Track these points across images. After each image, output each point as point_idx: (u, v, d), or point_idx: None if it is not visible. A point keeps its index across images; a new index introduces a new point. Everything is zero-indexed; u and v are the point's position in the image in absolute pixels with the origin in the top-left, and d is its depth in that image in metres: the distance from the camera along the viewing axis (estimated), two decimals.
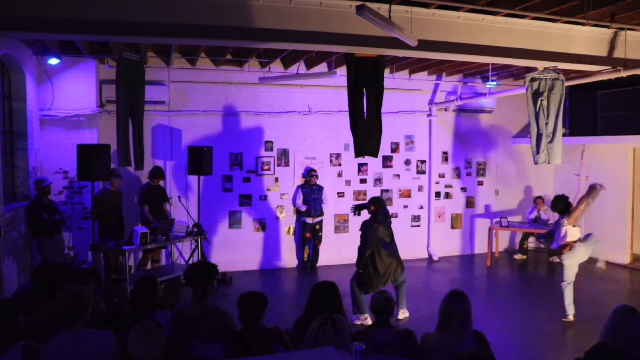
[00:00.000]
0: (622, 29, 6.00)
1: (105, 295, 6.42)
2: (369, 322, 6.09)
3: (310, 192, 9.06)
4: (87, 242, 7.40)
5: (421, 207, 10.34)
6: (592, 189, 6.60)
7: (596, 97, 10.44)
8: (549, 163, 6.58)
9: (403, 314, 6.64)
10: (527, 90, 6.59)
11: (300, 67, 8.54)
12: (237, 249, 9.19)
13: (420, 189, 10.30)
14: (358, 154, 6.31)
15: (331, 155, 9.71)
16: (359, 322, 6.14)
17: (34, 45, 7.18)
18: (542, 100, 6.49)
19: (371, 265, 6.20)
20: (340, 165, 9.76)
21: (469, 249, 10.74)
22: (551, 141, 6.52)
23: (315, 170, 9.21)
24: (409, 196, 10.18)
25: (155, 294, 3.67)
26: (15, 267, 6.48)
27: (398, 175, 10.14)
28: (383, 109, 6.37)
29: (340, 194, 9.80)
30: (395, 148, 10.10)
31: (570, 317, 6.46)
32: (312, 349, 2.79)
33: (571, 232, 6.51)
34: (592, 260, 6.69)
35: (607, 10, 5.53)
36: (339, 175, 9.78)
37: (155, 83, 8.42)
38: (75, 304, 2.95)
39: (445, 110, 10.30)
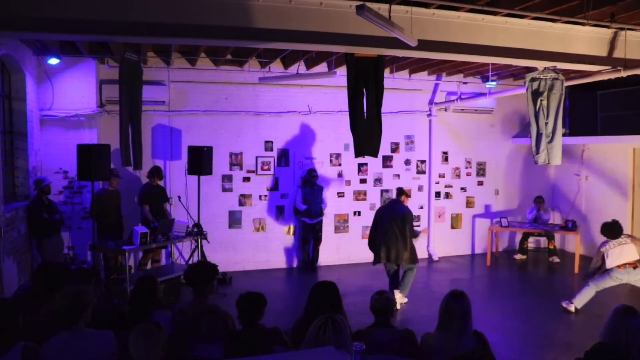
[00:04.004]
0: (622, 29, 5.99)
1: (105, 295, 6.42)
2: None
3: (311, 192, 9.06)
4: (87, 242, 7.41)
5: (421, 207, 10.34)
6: None
7: (596, 97, 10.42)
8: (548, 163, 6.57)
9: (400, 299, 6.89)
10: (527, 90, 6.59)
11: (300, 67, 8.54)
12: (237, 249, 9.20)
13: (420, 189, 10.30)
14: (358, 154, 6.30)
15: (331, 155, 9.71)
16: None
17: (34, 45, 7.18)
18: (541, 100, 6.48)
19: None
20: (340, 165, 9.76)
21: (469, 249, 10.74)
22: (551, 141, 6.51)
23: (315, 171, 9.21)
24: (409, 196, 10.17)
25: (155, 294, 3.68)
26: (15, 267, 6.48)
27: (398, 175, 10.14)
28: (383, 109, 6.36)
29: (340, 194, 9.80)
30: (395, 148, 10.10)
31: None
32: (312, 349, 2.79)
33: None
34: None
35: (607, 10, 5.52)
36: (339, 175, 9.78)
37: (155, 83, 8.43)
38: (75, 304, 2.95)
39: (445, 110, 10.30)
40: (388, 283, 7.22)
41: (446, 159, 10.51)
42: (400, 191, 7.35)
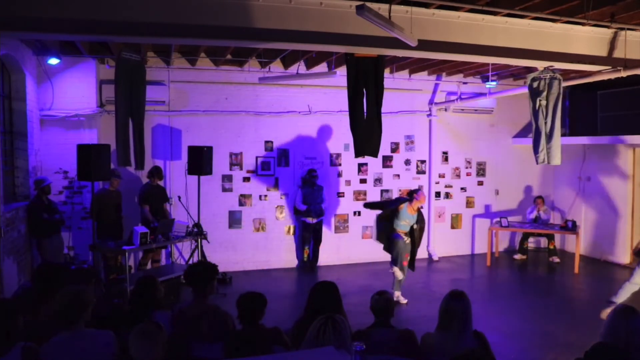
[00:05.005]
0: (622, 29, 6.00)
1: (105, 295, 6.42)
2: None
3: (311, 192, 9.05)
4: (87, 242, 7.41)
5: (421, 207, 10.30)
6: None
7: (596, 97, 10.43)
8: (548, 163, 6.58)
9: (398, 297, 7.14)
10: (528, 89, 6.61)
11: (300, 67, 8.54)
12: (237, 249, 9.20)
13: (420, 189, 10.28)
14: (358, 154, 6.31)
15: (331, 155, 9.71)
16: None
17: (34, 45, 7.18)
18: (540, 100, 6.49)
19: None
20: (340, 165, 9.76)
21: (469, 249, 10.74)
22: (549, 141, 6.52)
23: (315, 171, 9.21)
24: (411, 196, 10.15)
25: (155, 294, 3.68)
26: (15, 267, 6.48)
27: (398, 175, 10.13)
28: (383, 109, 6.36)
29: (340, 194, 9.80)
30: (395, 148, 10.10)
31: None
32: (312, 349, 2.79)
33: None
34: None
35: (607, 10, 5.52)
36: (339, 175, 9.78)
37: (155, 83, 8.42)
38: (75, 304, 2.95)
39: (445, 110, 10.30)
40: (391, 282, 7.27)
41: (446, 159, 10.50)
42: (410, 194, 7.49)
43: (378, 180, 9.98)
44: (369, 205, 7.94)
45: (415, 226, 7.24)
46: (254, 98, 9.18)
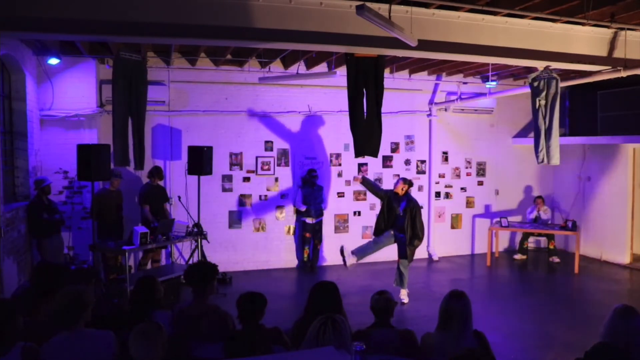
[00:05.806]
0: (622, 29, 6.00)
1: (105, 295, 6.42)
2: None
3: (311, 192, 9.06)
4: (87, 242, 7.41)
5: (421, 207, 10.31)
6: None
7: (596, 97, 10.43)
8: (548, 163, 6.58)
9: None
10: (530, 89, 6.62)
11: (300, 67, 8.54)
12: (237, 249, 9.20)
13: (420, 189, 10.29)
14: (358, 154, 6.31)
15: (331, 155, 9.71)
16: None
17: (34, 45, 7.18)
18: (539, 99, 6.50)
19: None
20: (340, 165, 9.76)
21: (469, 249, 10.74)
22: (548, 140, 6.52)
23: (315, 171, 9.21)
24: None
25: (155, 294, 3.68)
26: (15, 267, 6.48)
27: (398, 175, 10.11)
28: (383, 109, 6.36)
29: (340, 194, 9.80)
30: (395, 148, 10.10)
31: None
32: (312, 349, 2.79)
33: None
34: None
35: (607, 10, 5.52)
36: (339, 175, 9.78)
37: (155, 83, 8.42)
38: (75, 304, 2.95)
39: (445, 110, 10.30)
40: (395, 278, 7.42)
41: (446, 159, 10.50)
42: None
43: (378, 180, 9.96)
44: (367, 184, 7.58)
45: (400, 213, 7.22)
46: (254, 98, 9.18)
